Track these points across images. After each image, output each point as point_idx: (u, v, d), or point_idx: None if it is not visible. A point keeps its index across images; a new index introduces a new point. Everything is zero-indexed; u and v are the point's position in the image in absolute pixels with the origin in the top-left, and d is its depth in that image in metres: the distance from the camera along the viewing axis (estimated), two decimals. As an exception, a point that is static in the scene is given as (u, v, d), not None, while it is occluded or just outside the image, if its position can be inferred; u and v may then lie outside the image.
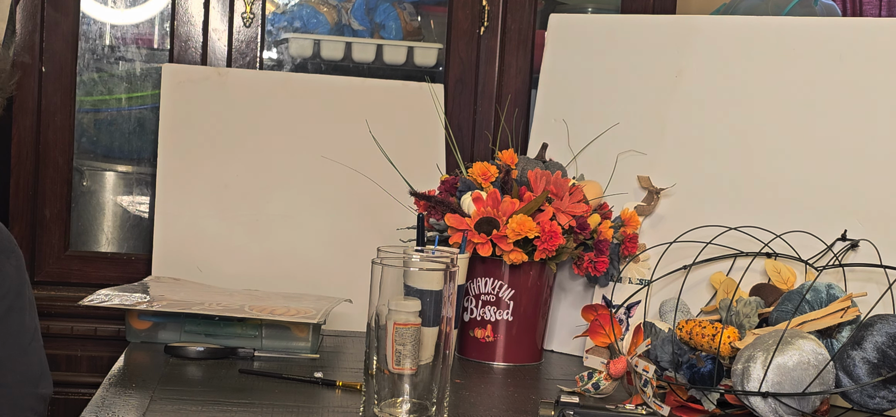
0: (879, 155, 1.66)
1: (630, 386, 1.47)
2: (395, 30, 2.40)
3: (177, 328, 1.68)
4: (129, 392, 1.40)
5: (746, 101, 1.79)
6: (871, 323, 1.38)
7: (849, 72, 1.72)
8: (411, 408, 1.25)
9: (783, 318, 1.50)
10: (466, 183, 1.74)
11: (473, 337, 1.74)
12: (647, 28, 1.95)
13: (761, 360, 1.36)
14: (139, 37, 2.36)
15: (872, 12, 2.99)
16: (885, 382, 1.35)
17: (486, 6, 2.25)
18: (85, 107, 2.32)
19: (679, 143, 1.84)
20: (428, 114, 2.14)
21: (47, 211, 2.17)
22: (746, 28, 1.85)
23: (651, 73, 1.90)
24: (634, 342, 1.48)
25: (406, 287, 1.26)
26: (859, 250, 1.62)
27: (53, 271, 2.18)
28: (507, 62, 2.27)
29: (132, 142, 2.35)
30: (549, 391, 1.58)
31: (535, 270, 1.72)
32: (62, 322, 2.14)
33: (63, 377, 2.15)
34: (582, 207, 1.70)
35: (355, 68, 2.40)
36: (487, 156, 2.19)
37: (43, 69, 2.16)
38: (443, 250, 1.55)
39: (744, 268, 1.62)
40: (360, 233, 2.00)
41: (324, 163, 2.05)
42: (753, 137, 1.77)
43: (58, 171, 2.18)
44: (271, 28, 2.38)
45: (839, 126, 1.70)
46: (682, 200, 1.80)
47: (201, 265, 1.95)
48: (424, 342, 1.26)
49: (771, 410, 1.36)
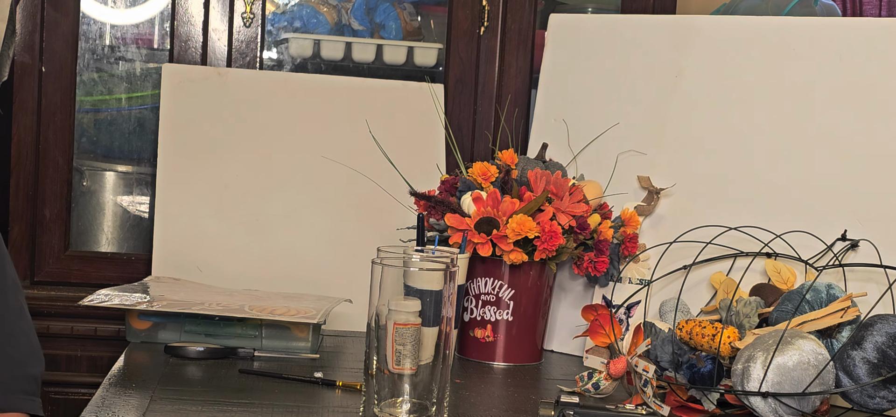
0: (879, 155, 1.66)
1: (630, 386, 1.47)
2: (395, 30, 2.40)
3: (177, 328, 1.67)
4: (129, 392, 1.40)
5: (746, 101, 1.79)
6: (871, 323, 1.38)
7: (849, 72, 1.72)
8: (411, 408, 1.25)
9: (783, 318, 1.50)
10: (466, 183, 1.74)
11: (473, 337, 1.74)
12: (647, 28, 1.95)
13: (761, 360, 1.36)
14: (139, 37, 2.36)
15: (872, 12, 2.99)
16: (885, 382, 1.35)
17: (486, 6, 2.25)
18: (85, 107, 2.32)
19: (679, 143, 1.84)
20: (428, 114, 2.14)
21: (47, 211, 2.17)
22: (746, 28, 1.85)
23: (651, 73, 1.90)
24: (634, 342, 1.48)
25: (406, 287, 1.26)
26: (859, 250, 1.62)
27: (53, 271, 2.18)
28: (507, 62, 2.27)
29: (132, 142, 2.35)
30: (549, 391, 1.58)
31: (535, 270, 1.72)
32: (62, 322, 2.14)
33: (63, 377, 2.16)
34: (582, 207, 1.70)
35: (355, 68, 2.39)
36: (487, 156, 2.19)
37: (43, 69, 2.16)
38: (443, 250, 1.55)
39: (744, 268, 1.62)
40: (360, 233, 2.00)
41: (324, 163, 2.05)
42: (753, 137, 1.77)
43: (58, 171, 2.18)
44: (271, 28, 2.37)
45: (839, 126, 1.70)
46: (682, 200, 1.80)
47: (201, 265, 1.95)
48: (424, 342, 1.26)
49: (771, 410, 1.36)
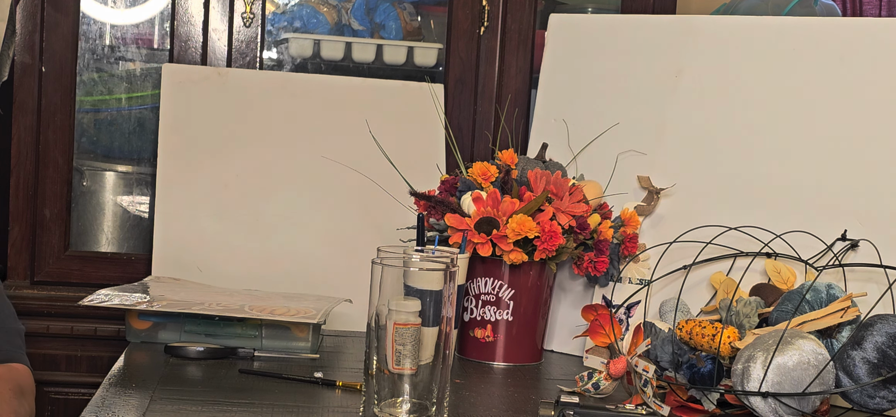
0: (879, 155, 1.66)
1: (630, 386, 1.47)
2: (395, 30, 2.40)
3: (177, 328, 1.67)
4: (129, 392, 1.40)
5: (746, 101, 1.79)
6: (871, 323, 1.38)
7: (849, 72, 1.72)
8: (411, 408, 1.25)
9: (783, 318, 1.50)
10: (466, 183, 1.74)
11: (473, 337, 1.74)
12: (647, 28, 1.95)
13: (761, 360, 1.36)
14: (139, 37, 2.36)
15: (872, 12, 2.99)
16: (885, 382, 1.35)
17: (486, 6, 2.25)
18: (85, 107, 2.32)
19: (679, 143, 1.84)
20: (428, 114, 2.14)
21: (47, 211, 2.17)
22: (746, 28, 1.85)
23: (651, 73, 1.90)
24: (634, 342, 1.48)
25: (406, 287, 1.26)
26: (859, 250, 1.62)
27: (53, 271, 2.18)
28: (507, 62, 2.27)
29: (132, 142, 2.35)
30: (549, 391, 1.58)
31: (535, 270, 1.72)
32: (62, 322, 2.14)
33: (63, 377, 2.16)
34: (582, 207, 1.70)
35: (355, 68, 2.39)
36: (487, 156, 2.19)
37: (43, 69, 2.16)
38: (443, 250, 1.55)
39: (744, 268, 1.62)
40: (360, 233, 2.00)
41: (324, 163, 2.05)
42: (753, 137, 1.77)
43: (58, 171, 2.18)
44: (271, 28, 2.37)
45: (839, 126, 1.70)
46: (682, 200, 1.80)
47: (201, 265, 1.95)
48: (424, 342, 1.26)
49: (771, 410, 1.36)
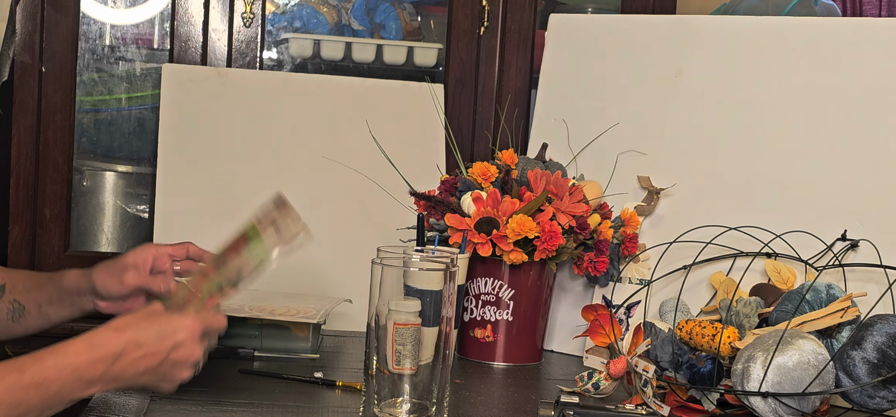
0: (879, 155, 1.66)
1: (630, 386, 1.47)
2: (395, 30, 2.40)
3: (177, 328, 1.67)
4: (129, 392, 1.39)
5: (746, 101, 1.79)
6: (871, 323, 1.38)
7: (849, 73, 1.72)
8: (411, 408, 1.25)
9: (783, 318, 1.49)
10: (466, 183, 1.74)
11: (473, 337, 1.74)
12: (647, 28, 1.95)
13: (761, 360, 1.36)
14: (139, 37, 2.36)
15: (872, 12, 2.99)
16: (885, 382, 1.35)
17: (486, 6, 2.25)
18: (85, 107, 2.32)
19: (679, 143, 1.84)
20: (428, 114, 2.14)
21: (47, 211, 2.17)
22: (746, 28, 1.85)
23: (651, 73, 1.90)
24: (634, 342, 1.48)
25: (406, 287, 1.26)
26: (859, 250, 1.62)
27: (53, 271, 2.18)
28: (507, 62, 2.27)
29: (132, 142, 2.35)
30: (549, 391, 1.58)
31: (535, 270, 1.72)
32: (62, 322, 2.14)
33: (63, 377, 2.15)
34: (582, 207, 1.70)
35: (355, 68, 2.39)
36: (487, 156, 2.18)
37: (43, 69, 2.16)
38: (443, 250, 1.55)
39: (744, 268, 1.62)
40: (360, 233, 2.00)
41: (324, 163, 2.05)
42: (753, 137, 1.77)
43: (58, 171, 2.18)
44: (271, 28, 2.37)
45: (839, 126, 1.70)
46: (682, 200, 1.80)
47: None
48: (424, 342, 1.26)
49: (771, 410, 1.36)
